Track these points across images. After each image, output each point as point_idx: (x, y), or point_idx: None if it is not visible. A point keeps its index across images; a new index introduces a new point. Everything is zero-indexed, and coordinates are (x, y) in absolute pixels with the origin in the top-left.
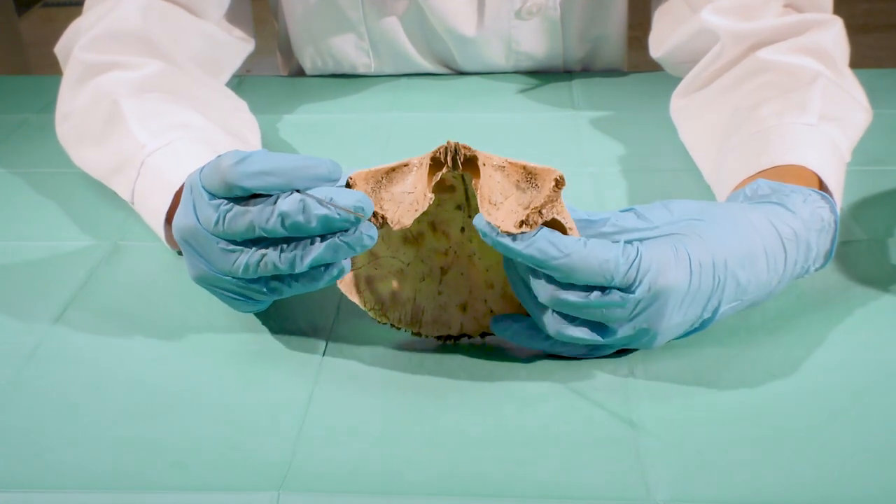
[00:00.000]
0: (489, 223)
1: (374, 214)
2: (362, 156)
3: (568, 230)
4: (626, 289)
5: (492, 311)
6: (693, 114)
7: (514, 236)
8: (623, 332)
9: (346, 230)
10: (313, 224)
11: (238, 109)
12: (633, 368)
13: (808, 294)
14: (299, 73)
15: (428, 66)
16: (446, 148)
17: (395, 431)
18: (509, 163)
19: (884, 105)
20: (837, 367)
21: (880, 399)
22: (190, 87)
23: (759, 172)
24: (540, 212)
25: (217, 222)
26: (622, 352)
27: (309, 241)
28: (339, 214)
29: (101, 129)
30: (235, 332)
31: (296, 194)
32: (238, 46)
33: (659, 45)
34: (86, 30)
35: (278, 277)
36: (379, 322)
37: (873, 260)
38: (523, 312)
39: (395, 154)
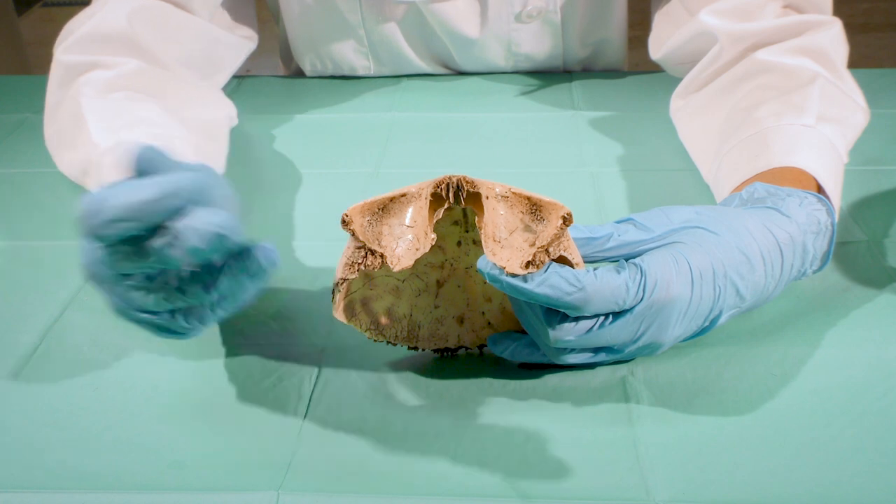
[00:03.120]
0: (494, 264)
1: (372, 252)
2: (362, 156)
3: (574, 265)
4: (632, 307)
5: (490, 324)
6: (692, 114)
7: (523, 277)
8: (628, 350)
9: (241, 255)
10: (185, 259)
11: (216, 106)
12: (633, 368)
13: (808, 294)
14: (299, 75)
15: (427, 69)
16: (448, 183)
17: (394, 431)
18: (513, 192)
19: (883, 105)
20: (837, 367)
21: (880, 399)
22: (164, 85)
23: (757, 174)
24: (547, 250)
25: (104, 262)
26: None
27: (209, 269)
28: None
29: (70, 132)
30: (235, 334)
31: (161, 230)
32: (239, 44)
33: (658, 46)
34: (71, 32)
35: (195, 308)
36: (375, 341)
37: (872, 260)
38: (522, 328)
39: (394, 154)
